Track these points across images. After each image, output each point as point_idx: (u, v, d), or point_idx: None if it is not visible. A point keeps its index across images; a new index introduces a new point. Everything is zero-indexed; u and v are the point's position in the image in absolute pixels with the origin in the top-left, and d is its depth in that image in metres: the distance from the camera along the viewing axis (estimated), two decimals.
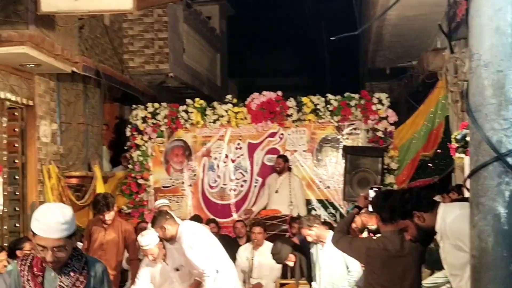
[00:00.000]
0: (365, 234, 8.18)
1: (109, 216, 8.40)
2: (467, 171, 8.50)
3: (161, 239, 7.56)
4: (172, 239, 7.35)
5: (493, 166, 2.85)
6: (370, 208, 5.94)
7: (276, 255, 8.39)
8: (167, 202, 10.25)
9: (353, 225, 6.71)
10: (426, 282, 7.96)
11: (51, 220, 3.64)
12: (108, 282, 4.01)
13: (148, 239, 7.65)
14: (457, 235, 3.96)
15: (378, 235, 6.39)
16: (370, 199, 5.94)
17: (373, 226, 7.96)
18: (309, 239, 7.97)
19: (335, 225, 10.88)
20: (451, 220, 4.03)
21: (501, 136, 2.83)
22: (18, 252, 8.89)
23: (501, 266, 2.83)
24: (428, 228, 4.12)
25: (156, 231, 7.40)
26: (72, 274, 3.83)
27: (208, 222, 11.05)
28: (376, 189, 6.08)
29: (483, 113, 2.88)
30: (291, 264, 8.58)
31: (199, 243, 7.24)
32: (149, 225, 8.27)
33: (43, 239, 3.68)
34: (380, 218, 5.71)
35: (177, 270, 7.51)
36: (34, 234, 3.72)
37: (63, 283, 3.81)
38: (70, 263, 3.84)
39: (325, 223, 10.13)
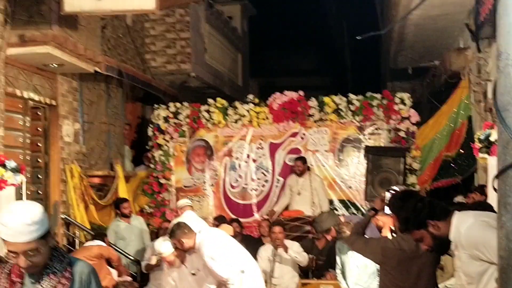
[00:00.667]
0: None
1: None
2: (490, 172, 8.46)
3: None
4: (190, 250, 7.34)
5: None
6: (387, 210, 5.91)
7: (318, 223, 8.30)
8: (190, 202, 10.25)
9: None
10: (449, 283, 7.93)
11: (16, 223, 3.29)
12: (97, 284, 3.63)
13: (165, 247, 7.67)
14: (473, 244, 3.93)
15: None
16: (386, 201, 5.91)
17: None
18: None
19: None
20: (465, 229, 4.00)
21: None
22: None
23: None
24: (444, 236, 4.10)
25: (173, 242, 7.38)
26: (52, 276, 3.49)
27: (231, 221, 11.04)
28: (393, 191, 6.05)
29: (511, 112, 2.85)
30: (329, 238, 8.45)
31: (219, 253, 7.19)
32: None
33: (12, 245, 3.34)
34: (396, 218, 5.71)
35: (193, 274, 7.50)
36: (4, 240, 3.37)
37: (42, 287, 3.48)
38: (51, 264, 3.51)
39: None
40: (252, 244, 10.58)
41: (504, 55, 2.87)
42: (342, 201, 12.07)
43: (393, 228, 7.82)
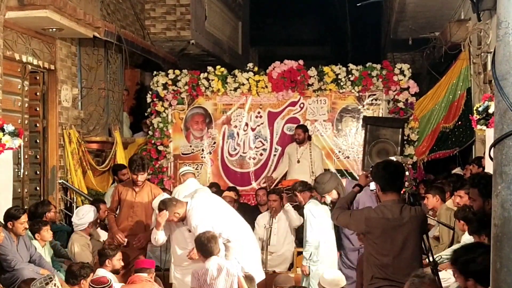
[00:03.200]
0: None
1: (142, 177, 8.36)
2: (488, 143, 8.47)
3: None
4: (181, 219, 7.45)
5: None
6: (372, 186, 5.92)
7: (320, 184, 8.28)
8: (191, 169, 10.24)
9: None
10: (445, 253, 7.98)
11: None
12: None
13: None
14: None
15: None
16: (371, 190, 5.95)
17: None
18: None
19: None
20: None
21: None
22: (46, 215, 9.06)
23: None
24: None
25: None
26: None
27: (229, 190, 11.08)
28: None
29: (510, 82, 2.85)
30: (328, 199, 8.46)
31: (206, 222, 7.27)
32: None
33: None
34: (379, 188, 5.72)
35: (189, 231, 7.55)
36: None
37: None
38: None
39: None
40: (249, 212, 10.65)
41: (504, 24, 2.86)
42: (339, 171, 12.05)
43: None
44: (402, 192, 9.95)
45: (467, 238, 7.87)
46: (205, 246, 6.70)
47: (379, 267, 5.58)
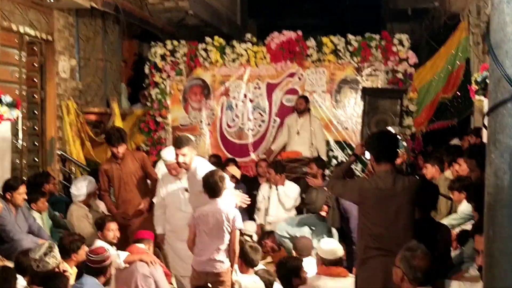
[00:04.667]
0: None
1: (122, 149, 8.38)
2: None
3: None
4: (187, 167, 7.36)
5: None
6: (368, 155, 5.95)
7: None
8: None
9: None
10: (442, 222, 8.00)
11: None
12: None
13: (171, 154, 7.72)
14: None
15: None
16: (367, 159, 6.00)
17: None
18: None
19: (352, 166, 10.93)
20: None
21: None
22: (46, 186, 9.09)
23: None
24: None
25: (178, 152, 7.32)
26: None
27: (228, 161, 11.08)
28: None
29: (504, 50, 2.84)
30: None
31: None
32: None
33: None
34: (373, 158, 5.74)
35: (186, 190, 7.56)
36: None
37: None
38: None
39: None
40: (246, 183, 10.68)
41: None
42: (338, 142, 12.09)
43: None
44: (400, 162, 10.05)
45: (464, 208, 7.93)
46: (213, 184, 6.59)
47: (372, 237, 5.61)
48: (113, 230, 7.57)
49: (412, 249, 4.70)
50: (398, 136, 7.86)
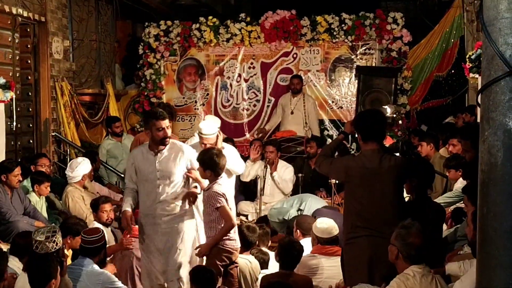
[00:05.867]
0: None
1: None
2: None
3: None
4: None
5: (505, 81, 2.83)
6: None
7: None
8: None
9: None
10: (437, 201, 8.03)
11: None
12: None
13: (212, 128, 7.41)
14: None
15: None
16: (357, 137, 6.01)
17: None
18: None
19: (347, 145, 10.97)
20: None
21: None
22: (32, 167, 9.05)
23: (509, 181, 2.84)
24: None
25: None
26: None
27: (225, 141, 11.05)
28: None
29: (497, 28, 2.84)
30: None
31: None
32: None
33: None
34: (360, 137, 5.75)
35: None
36: None
37: None
38: None
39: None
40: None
41: None
42: (332, 121, 12.11)
43: None
44: (392, 141, 10.06)
45: (459, 186, 7.95)
46: (213, 160, 6.45)
47: (358, 215, 5.63)
48: (107, 211, 7.59)
49: (407, 227, 4.74)
50: (394, 115, 7.87)
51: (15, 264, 5.93)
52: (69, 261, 6.48)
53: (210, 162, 6.45)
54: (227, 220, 6.40)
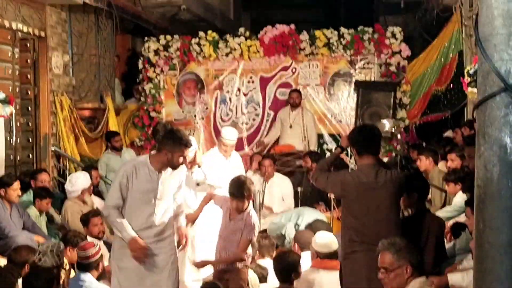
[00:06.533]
0: None
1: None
2: None
3: None
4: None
5: (501, 97, 2.85)
6: None
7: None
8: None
9: None
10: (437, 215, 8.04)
11: None
12: None
13: (234, 134, 8.50)
14: None
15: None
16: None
17: None
18: None
19: (346, 159, 10.98)
20: None
21: (510, 67, 2.82)
22: (32, 182, 9.06)
23: (505, 196, 2.85)
24: None
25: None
26: None
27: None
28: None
29: (492, 43, 2.86)
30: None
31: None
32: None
33: None
34: (356, 151, 5.76)
35: None
36: None
37: None
38: None
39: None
40: None
41: None
42: (332, 135, 12.11)
43: None
44: (391, 155, 10.06)
45: (458, 200, 7.96)
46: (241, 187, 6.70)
47: (355, 230, 5.62)
48: (97, 225, 7.62)
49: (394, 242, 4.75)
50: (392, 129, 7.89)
51: None
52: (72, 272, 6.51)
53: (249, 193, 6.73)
54: (242, 251, 6.64)
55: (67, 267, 6.71)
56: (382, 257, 4.70)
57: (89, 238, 7.34)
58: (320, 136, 12.01)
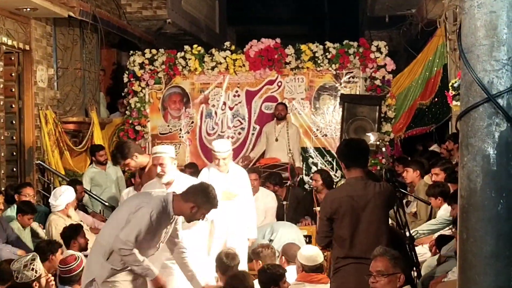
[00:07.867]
0: None
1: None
2: None
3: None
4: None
5: (484, 107, 2.87)
6: None
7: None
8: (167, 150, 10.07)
9: None
10: (421, 228, 8.07)
11: None
12: None
13: (226, 146, 8.19)
14: None
15: None
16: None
17: None
18: None
19: (332, 172, 10.99)
20: None
21: (493, 78, 2.84)
22: (16, 196, 9.00)
23: (489, 206, 2.86)
24: None
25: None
26: None
27: (189, 166, 11.08)
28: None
29: (475, 54, 2.88)
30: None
31: None
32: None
33: None
34: (343, 165, 5.75)
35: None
36: None
37: None
38: None
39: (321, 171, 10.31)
40: None
41: None
42: (317, 149, 12.14)
43: None
44: (376, 169, 10.07)
45: (442, 213, 7.98)
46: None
47: (345, 244, 5.58)
48: (79, 241, 7.59)
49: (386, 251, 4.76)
50: (377, 142, 7.89)
51: None
52: None
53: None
54: None
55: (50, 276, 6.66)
56: (378, 262, 4.71)
57: (71, 251, 7.28)
58: (305, 150, 12.03)
